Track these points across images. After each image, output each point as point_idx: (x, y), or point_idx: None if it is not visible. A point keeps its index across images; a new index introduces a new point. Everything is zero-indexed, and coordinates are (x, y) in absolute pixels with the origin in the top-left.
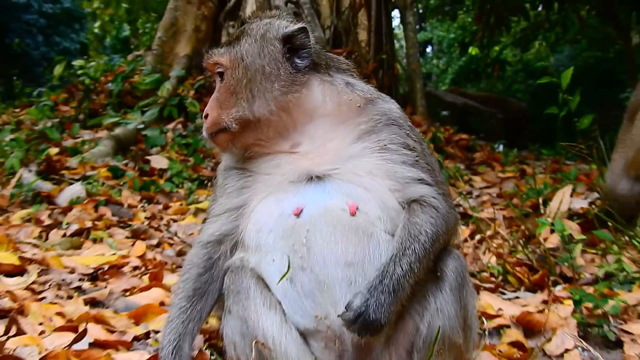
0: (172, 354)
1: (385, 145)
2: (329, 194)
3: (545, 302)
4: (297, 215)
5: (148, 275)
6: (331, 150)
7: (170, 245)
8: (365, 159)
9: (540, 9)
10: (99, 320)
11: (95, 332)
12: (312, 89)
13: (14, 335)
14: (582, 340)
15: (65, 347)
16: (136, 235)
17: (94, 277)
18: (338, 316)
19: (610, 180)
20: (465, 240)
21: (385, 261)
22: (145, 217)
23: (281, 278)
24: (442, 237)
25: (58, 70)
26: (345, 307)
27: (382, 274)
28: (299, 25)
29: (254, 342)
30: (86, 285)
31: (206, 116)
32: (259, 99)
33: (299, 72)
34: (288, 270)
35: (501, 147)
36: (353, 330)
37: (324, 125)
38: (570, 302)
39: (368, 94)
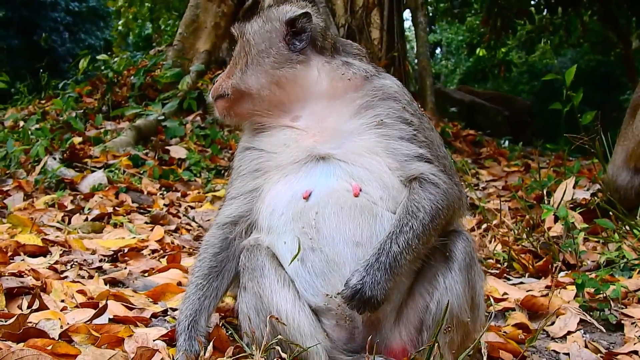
0: (187, 328)
1: (382, 120)
2: (334, 177)
3: (548, 287)
4: (306, 198)
5: (166, 257)
6: (330, 127)
7: (188, 230)
8: (364, 136)
9: (545, 13)
10: (118, 298)
11: (115, 308)
12: (309, 67)
13: (37, 310)
14: (585, 314)
15: (86, 322)
16: (155, 220)
17: (114, 258)
18: (338, 294)
19: (612, 171)
20: (472, 229)
21: (383, 239)
22: (164, 204)
23: (292, 260)
24: (443, 212)
25: (83, 64)
26: (345, 285)
27: (378, 252)
28: (303, 10)
29: (268, 317)
30: (106, 266)
31: (219, 80)
32: (250, 71)
33: (294, 52)
34: (298, 252)
35: (507, 143)
36: (351, 307)
37: (321, 101)
38: (572, 287)
39: (365, 71)
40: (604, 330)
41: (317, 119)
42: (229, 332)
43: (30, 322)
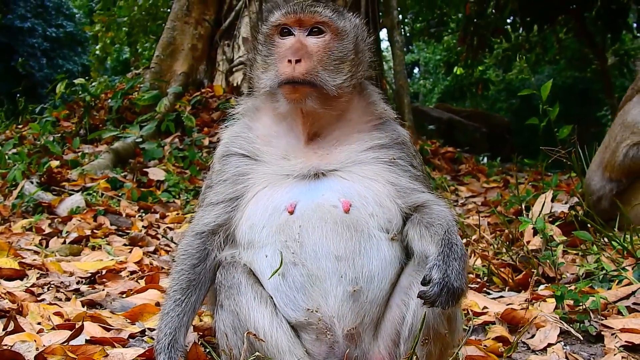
0: (167, 347)
1: (394, 159)
2: (322, 191)
3: (529, 300)
4: (291, 212)
5: (144, 278)
6: (342, 153)
7: (167, 252)
8: (372, 166)
9: (521, 31)
10: (95, 319)
11: (92, 330)
12: (354, 93)
13: (12, 333)
14: (563, 322)
15: (62, 344)
16: (134, 242)
17: (92, 280)
18: (418, 297)
19: (588, 175)
20: None
21: (440, 237)
22: (143, 226)
23: (272, 274)
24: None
25: (60, 88)
26: (423, 283)
27: (447, 245)
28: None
29: (246, 334)
30: (84, 288)
31: (298, 60)
32: (352, 78)
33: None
34: (280, 266)
35: (485, 159)
36: (440, 303)
37: (345, 128)
38: (552, 300)
39: (389, 113)
40: (584, 342)
41: (332, 143)
42: (207, 350)
43: (6, 345)
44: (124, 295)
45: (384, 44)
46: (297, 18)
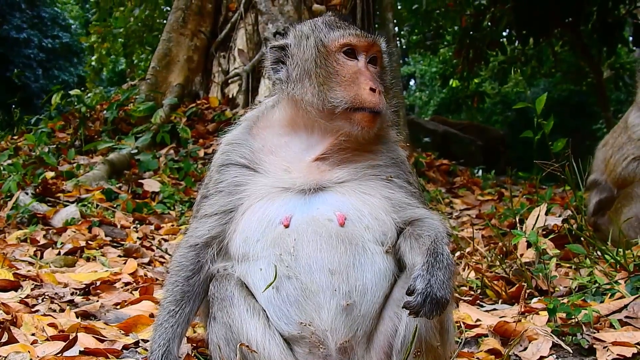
0: (161, 358)
1: (391, 177)
2: (317, 205)
3: (521, 313)
4: (286, 225)
5: (139, 290)
6: (343, 169)
7: (162, 263)
8: (369, 182)
9: (516, 43)
10: (89, 331)
11: (86, 341)
12: None
13: (6, 344)
14: (554, 336)
15: (56, 355)
16: (128, 254)
17: (87, 291)
18: (403, 307)
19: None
20: None
21: (427, 246)
22: (138, 237)
23: (266, 287)
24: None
25: (55, 99)
26: (407, 293)
27: (432, 255)
28: None
29: (238, 345)
30: (78, 299)
31: (380, 92)
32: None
33: None
34: (274, 279)
35: (480, 172)
36: (424, 313)
37: (352, 148)
38: (545, 313)
39: (392, 135)
40: (577, 355)
41: (336, 160)
42: None
43: (0, 356)
44: (118, 307)
45: None
46: (367, 43)
